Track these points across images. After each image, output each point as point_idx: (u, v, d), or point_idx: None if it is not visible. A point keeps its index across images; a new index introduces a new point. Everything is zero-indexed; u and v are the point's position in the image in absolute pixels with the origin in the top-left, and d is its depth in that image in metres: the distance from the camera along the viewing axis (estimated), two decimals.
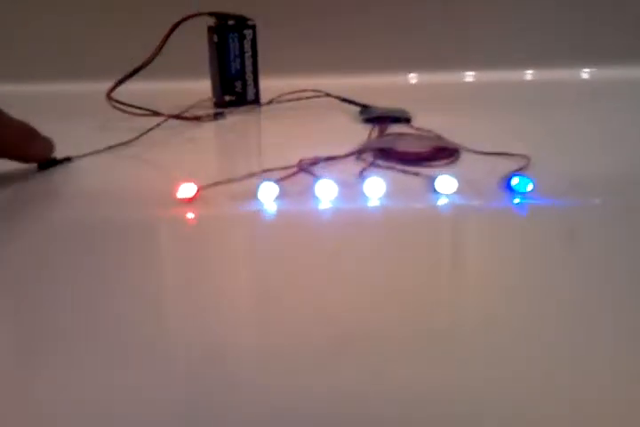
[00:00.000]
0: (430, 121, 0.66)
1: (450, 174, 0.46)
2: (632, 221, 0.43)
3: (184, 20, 0.69)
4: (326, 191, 0.45)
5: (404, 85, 0.90)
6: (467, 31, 0.91)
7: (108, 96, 0.66)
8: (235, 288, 0.36)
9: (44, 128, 0.52)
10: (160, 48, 0.69)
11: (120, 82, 0.67)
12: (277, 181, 0.47)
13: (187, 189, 0.45)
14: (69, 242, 0.41)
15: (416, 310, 0.33)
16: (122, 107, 0.65)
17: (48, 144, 0.53)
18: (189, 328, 0.32)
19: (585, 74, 0.91)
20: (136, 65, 0.68)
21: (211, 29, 0.74)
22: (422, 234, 0.42)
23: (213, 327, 0.32)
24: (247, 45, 0.74)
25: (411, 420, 0.26)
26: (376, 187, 0.45)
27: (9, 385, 0.29)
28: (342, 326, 0.32)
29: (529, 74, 0.91)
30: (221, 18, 0.73)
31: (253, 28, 0.74)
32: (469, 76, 0.91)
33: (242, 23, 0.74)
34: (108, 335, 0.31)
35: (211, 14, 0.72)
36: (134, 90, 0.67)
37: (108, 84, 0.67)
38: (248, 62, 0.75)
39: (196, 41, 0.75)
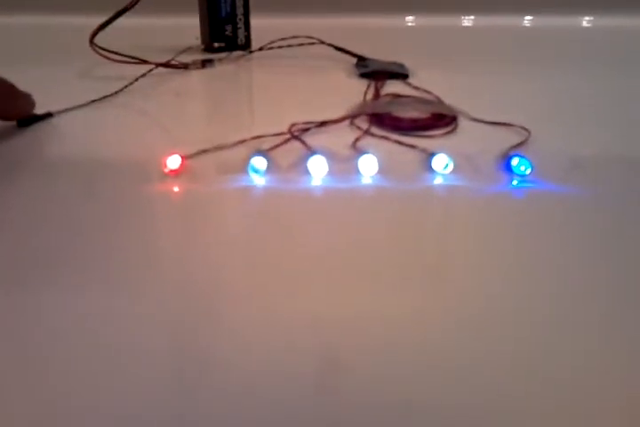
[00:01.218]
0: (428, 76, 0.64)
1: (447, 152, 0.44)
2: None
3: None
4: (318, 167, 0.43)
5: (401, 28, 0.87)
6: None
7: (91, 41, 0.62)
8: (223, 266, 0.35)
9: (23, 75, 0.49)
10: None
11: (103, 26, 0.63)
12: (267, 151, 0.45)
13: (172, 161, 0.43)
14: (50, 212, 0.40)
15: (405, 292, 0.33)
16: (106, 54, 0.62)
17: (29, 101, 0.50)
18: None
19: (585, 22, 0.88)
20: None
21: None
22: (415, 216, 0.40)
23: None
24: None
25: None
26: (369, 164, 0.43)
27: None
28: (332, 307, 0.32)
29: (528, 20, 0.88)
30: None
31: None
32: (468, 20, 0.88)
33: None
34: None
35: None
36: (117, 27, 0.64)
37: (88, 20, 0.63)
38: (239, 4, 0.72)
39: None
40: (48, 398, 0.26)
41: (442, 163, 0.44)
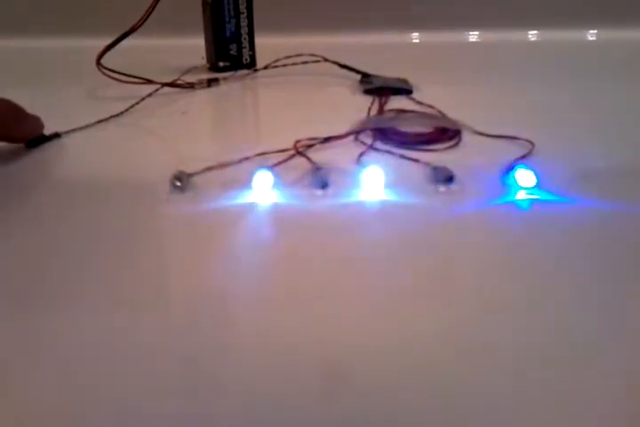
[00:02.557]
0: (432, 92, 0.64)
1: (451, 166, 0.44)
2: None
3: None
4: (322, 182, 0.43)
5: (406, 45, 0.87)
6: None
7: (98, 62, 0.63)
8: (230, 282, 0.35)
9: (31, 96, 0.50)
10: (151, 10, 0.66)
11: (109, 47, 0.64)
12: (272, 167, 0.45)
13: (179, 178, 0.43)
14: (58, 231, 0.40)
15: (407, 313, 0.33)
16: (113, 74, 0.63)
17: (36, 123, 0.51)
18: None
19: (590, 35, 0.88)
20: (126, 20, 0.65)
21: None
22: (420, 230, 0.40)
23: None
24: (242, 6, 0.71)
25: None
26: (373, 178, 0.43)
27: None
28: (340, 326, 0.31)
29: (533, 35, 0.88)
30: None
31: None
32: (473, 35, 0.88)
33: None
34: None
35: None
36: (124, 48, 0.65)
37: (94, 41, 0.64)
38: (243, 24, 0.72)
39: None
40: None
41: (447, 176, 0.44)
